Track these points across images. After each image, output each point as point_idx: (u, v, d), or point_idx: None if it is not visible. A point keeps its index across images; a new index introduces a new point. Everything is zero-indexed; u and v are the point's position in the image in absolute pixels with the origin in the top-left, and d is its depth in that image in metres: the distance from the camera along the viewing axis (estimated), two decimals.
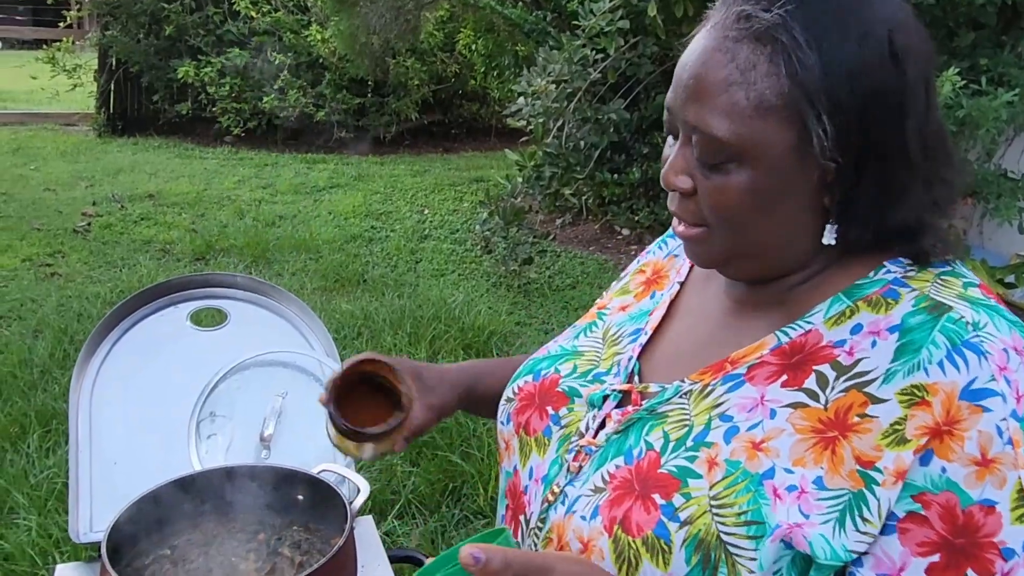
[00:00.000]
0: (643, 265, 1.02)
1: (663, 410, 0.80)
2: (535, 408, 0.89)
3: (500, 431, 0.95)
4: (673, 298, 0.93)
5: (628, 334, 0.92)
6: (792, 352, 0.75)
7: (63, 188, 6.86)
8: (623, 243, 6.66)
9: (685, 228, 0.78)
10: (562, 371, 0.91)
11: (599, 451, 0.81)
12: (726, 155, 0.71)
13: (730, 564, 0.69)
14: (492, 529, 0.72)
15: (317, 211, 6.62)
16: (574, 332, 0.98)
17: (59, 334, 3.74)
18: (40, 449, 2.82)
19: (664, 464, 0.75)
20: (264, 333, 1.52)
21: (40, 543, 2.34)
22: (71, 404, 1.37)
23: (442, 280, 5.08)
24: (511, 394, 0.94)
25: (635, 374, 0.87)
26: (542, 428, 0.88)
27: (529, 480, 0.87)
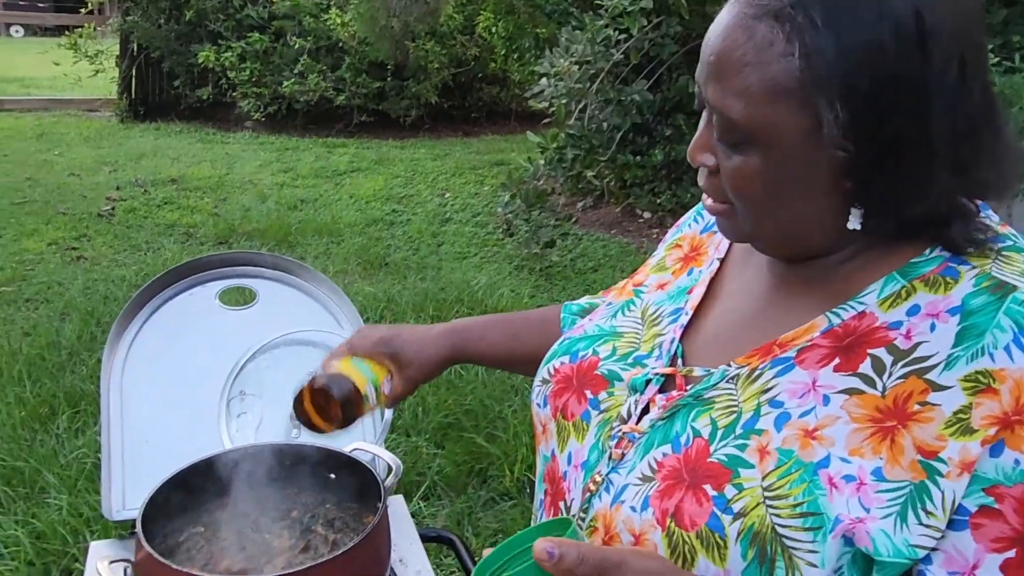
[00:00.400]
0: (678, 240, 0.98)
1: (709, 395, 0.76)
2: (573, 391, 0.86)
3: (536, 413, 0.92)
4: (713, 276, 0.90)
5: (668, 314, 0.89)
6: (844, 335, 0.71)
7: (87, 173, 6.92)
8: (644, 226, 6.61)
9: (712, 203, 0.77)
10: (601, 353, 0.87)
11: (643, 438, 0.78)
12: (741, 137, 0.69)
13: (787, 558, 0.66)
14: (557, 518, 0.70)
15: (338, 195, 6.63)
16: (610, 311, 0.95)
17: (86, 316, 3.77)
18: (70, 430, 2.85)
19: (713, 453, 0.72)
20: (292, 312, 1.51)
21: (71, 522, 2.36)
22: (102, 383, 1.37)
23: (464, 263, 5.07)
24: (547, 375, 0.91)
25: (678, 357, 0.84)
26: (580, 412, 0.85)
27: (568, 466, 0.84)
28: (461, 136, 9.70)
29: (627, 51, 4.91)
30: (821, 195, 0.70)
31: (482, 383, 3.30)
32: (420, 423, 2.96)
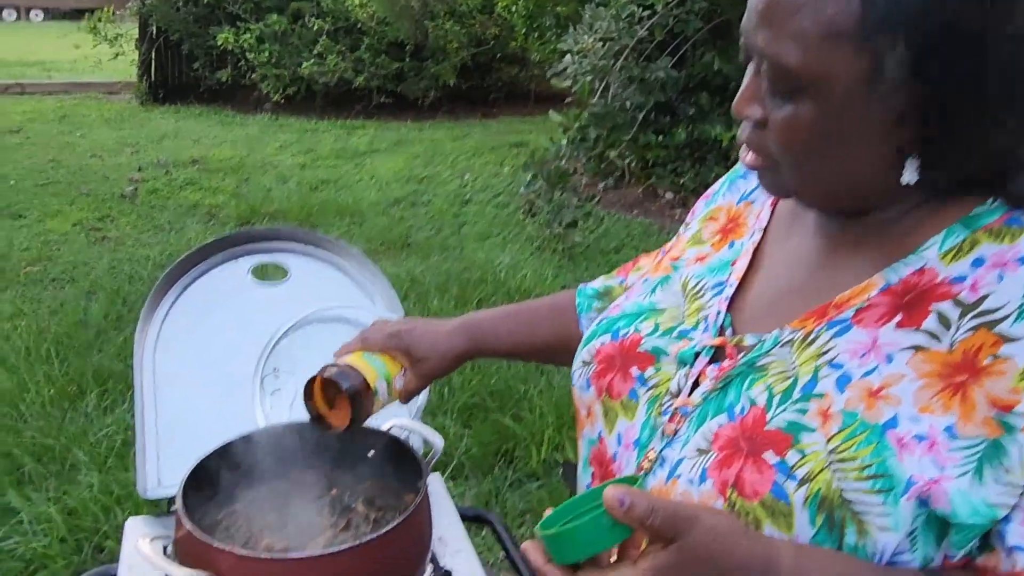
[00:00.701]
0: (713, 211, 0.95)
1: (763, 363, 0.74)
2: (617, 370, 0.84)
3: (579, 397, 0.89)
4: (756, 246, 0.87)
5: (710, 287, 0.86)
6: (904, 291, 0.69)
7: (109, 155, 6.94)
8: (667, 206, 6.54)
9: (754, 159, 0.74)
10: (643, 330, 0.85)
11: (696, 411, 0.76)
12: (793, 85, 0.66)
13: (857, 523, 0.63)
14: (624, 476, 0.68)
15: (359, 175, 6.61)
16: (648, 287, 0.92)
17: (112, 296, 3.78)
18: (99, 408, 2.86)
19: (771, 420, 0.70)
20: (324, 288, 1.49)
21: (102, 499, 2.37)
22: (135, 360, 1.35)
23: (487, 243, 5.03)
24: (587, 357, 0.88)
25: (725, 328, 0.81)
26: (627, 391, 0.82)
27: (618, 446, 0.82)
28: (480, 117, 9.65)
29: (651, 28, 4.83)
30: (874, 146, 0.67)
31: (506, 364, 3.28)
32: (446, 403, 2.94)
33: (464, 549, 1.20)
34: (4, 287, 3.99)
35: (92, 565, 2.23)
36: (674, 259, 0.94)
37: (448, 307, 3.80)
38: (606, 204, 6.30)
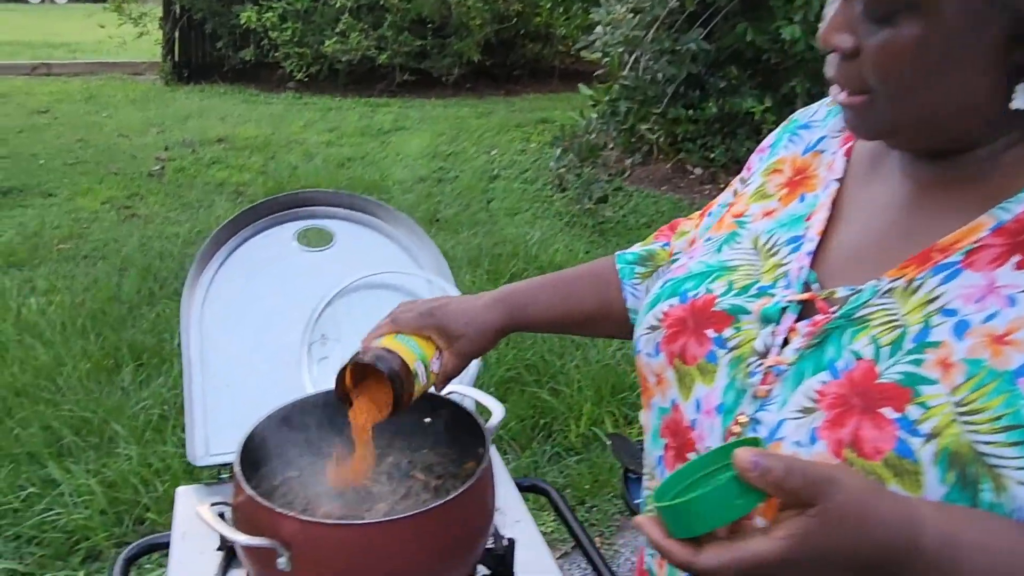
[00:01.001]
0: (775, 164, 0.89)
1: (862, 314, 0.69)
2: (690, 333, 0.78)
3: (646, 364, 0.83)
4: (833, 198, 0.81)
5: (785, 242, 0.80)
6: (1019, 230, 0.64)
7: (135, 134, 6.95)
8: (695, 182, 6.45)
9: (846, 96, 0.68)
10: (715, 289, 0.79)
11: (791, 369, 0.71)
12: (895, 6, 0.61)
13: (993, 478, 0.58)
14: (742, 439, 0.63)
15: (385, 153, 6.57)
16: (713, 246, 0.86)
17: (143, 272, 3.78)
18: (134, 382, 2.86)
19: (883, 373, 0.65)
20: (371, 253, 1.45)
21: (141, 472, 2.37)
22: (182, 325, 1.32)
23: (516, 219, 4.98)
24: (654, 322, 0.82)
25: (810, 283, 0.76)
26: (703, 354, 0.77)
27: (697, 413, 0.77)
28: (504, 94, 9.56)
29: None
30: (981, 71, 0.62)
31: (541, 338, 3.24)
32: (482, 377, 2.91)
33: (523, 519, 1.16)
34: (38, 263, 4.01)
35: (133, 537, 2.23)
36: (738, 216, 0.88)
37: (481, 281, 3.76)
38: (634, 180, 6.22)
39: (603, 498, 2.46)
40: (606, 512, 2.43)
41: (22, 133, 6.85)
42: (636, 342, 0.86)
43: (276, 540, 0.84)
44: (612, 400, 2.82)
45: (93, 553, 2.19)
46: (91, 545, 2.19)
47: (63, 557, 2.17)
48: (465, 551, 0.92)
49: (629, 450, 1.78)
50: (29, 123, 7.22)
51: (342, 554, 0.85)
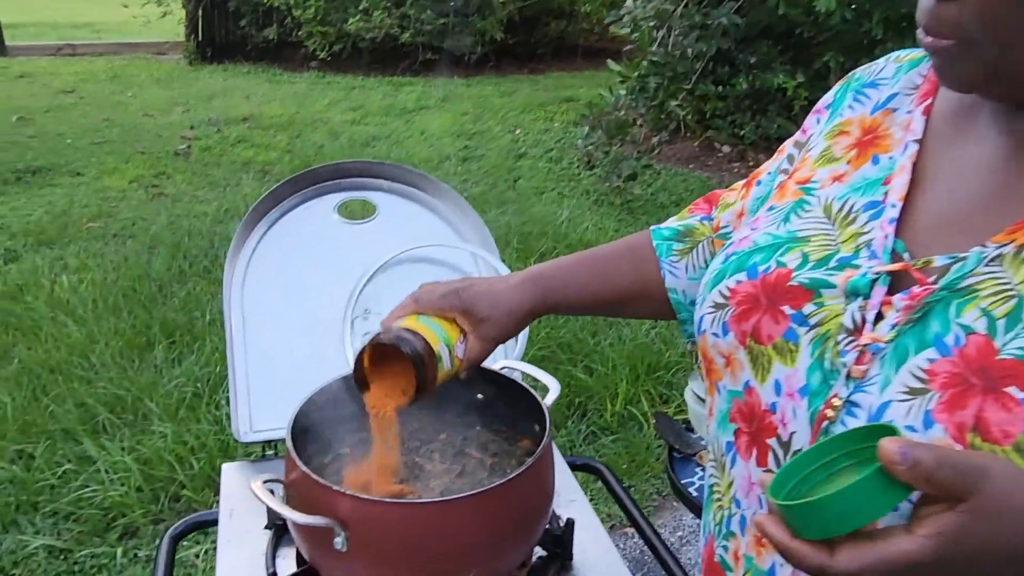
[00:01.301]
0: (841, 125, 0.83)
1: (967, 284, 0.63)
2: (764, 310, 0.73)
3: (712, 345, 0.78)
4: (914, 160, 0.75)
5: (862, 208, 0.74)
6: None
7: (160, 113, 6.95)
8: (724, 160, 6.35)
9: (941, 42, 0.63)
10: (789, 262, 0.74)
11: (890, 347, 0.65)
12: None
13: None
14: (872, 425, 0.57)
15: (409, 132, 6.53)
16: (779, 215, 0.80)
17: (172, 251, 3.78)
18: (167, 360, 2.86)
19: (1004, 348, 0.59)
20: (414, 227, 1.41)
21: (176, 449, 2.36)
22: (224, 299, 1.29)
23: (543, 197, 4.93)
24: (720, 299, 0.77)
25: (899, 252, 0.70)
26: (781, 332, 0.71)
27: (777, 396, 0.71)
28: (527, 73, 9.46)
29: None
30: None
31: (573, 316, 3.20)
32: None
33: (578, 499, 1.13)
34: (67, 242, 4.02)
35: (169, 514, 2.23)
36: (802, 182, 0.82)
37: (511, 260, 3.72)
38: (661, 158, 6.13)
39: (641, 478, 2.43)
40: (644, 492, 2.39)
41: (48, 113, 6.87)
42: (699, 321, 0.80)
43: (333, 519, 0.81)
44: (648, 379, 2.77)
45: (130, 530, 2.19)
46: (128, 522, 2.19)
47: (100, 533, 2.17)
48: (526, 532, 0.89)
49: (674, 429, 1.74)
50: (55, 103, 7.24)
51: (400, 533, 0.82)
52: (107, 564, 2.08)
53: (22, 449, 2.41)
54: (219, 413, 2.55)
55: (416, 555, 0.83)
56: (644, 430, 2.59)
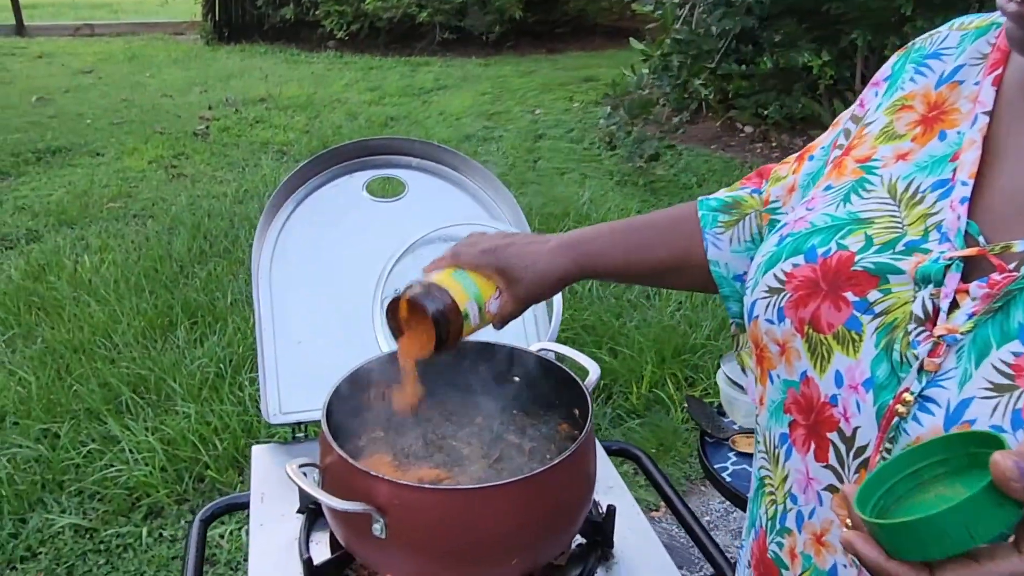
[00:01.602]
0: (903, 100, 0.77)
1: None
2: (823, 296, 0.68)
3: (766, 331, 0.74)
4: (984, 134, 0.70)
5: (929, 188, 0.69)
6: None
7: (179, 93, 6.94)
8: (746, 141, 6.26)
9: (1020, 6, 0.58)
10: (851, 245, 0.69)
11: (968, 339, 0.61)
12: None
13: None
14: (972, 432, 0.52)
15: (427, 112, 6.48)
16: (837, 195, 0.75)
17: (193, 231, 3.77)
18: (189, 340, 2.85)
19: None
20: (444, 205, 1.38)
21: (199, 429, 2.36)
22: (252, 281, 1.26)
23: (565, 178, 4.87)
24: (776, 283, 0.72)
25: (973, 235, 0.65)
26: (842, 320, 0.67)
27: (838, 388, 0.67)
28: (546, 52, 9.36)
29: None
30: None
31: (598, 298, 3.16)
32: None
33: (617, 486, 1.10)
34: (88, 222, 4.02)
35: (194, 495, 2.23)
36: (862, 160, 0.77)
37: None
38: (683, 139, 6.05)
39: (668, 462, 2.39)
40: (672, 476, 2.36)
41: (68, 93, 6.87)
42: (751, 306, 0.75)
43: (371, 505, 0.78)
44: (674, 362, 2.73)
45: (155, 509, 2.19)
46: (153, 502, 2.19)
47: (125, 513, 2.17)
48: (569, 519, 0.86)
49: (706, 413, 1.70)
50: (74, 83, 7.25)
51: (440, 520, 0.79)
52: (133, 544, 2.07)
53: (47, 428, 2.42)
54: (242, 394, 2.54)
55: (456, 543, 0.80)
56: (671, 413, 2.55)
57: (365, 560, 0.86)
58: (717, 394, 2.50)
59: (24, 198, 4.39)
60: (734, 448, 1.58)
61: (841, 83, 5.50)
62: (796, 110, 5.84)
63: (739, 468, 1.52)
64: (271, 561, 0.96)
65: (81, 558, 2.04)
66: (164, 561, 2.03)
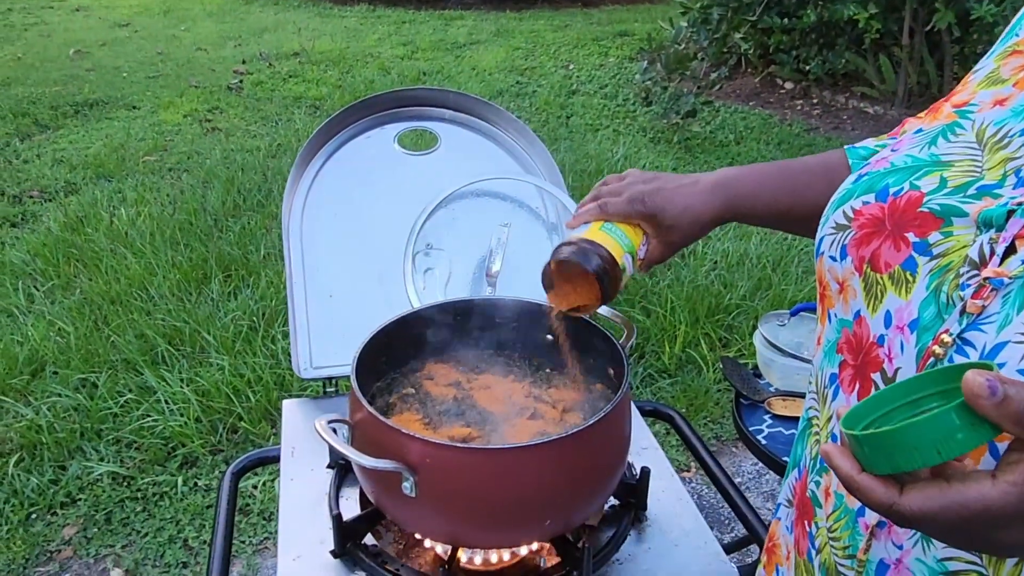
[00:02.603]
0: (1014, 45, 0.74)
1: None
2: (886, 236, 0.66)
3: (828, 268, 0.72)
4: None
5: (1018, 132, 0.66)
6: None
7: (213, 48, 6.92)
8: (786, 97, 6.09)
9: None
10: (924, 186, 0.67)
11: (1016, 284, 0.58)
12: None
13: None
14: (971, 362, 0.52)
15: (460, 67, 6.39)
16: (925, 138, 0.73)
17: (227, 185, 3.77)
18: (223, 293, 2.87)
19: None
20: (477, 158, 1.34)
21: (233, 381, 2.38)
22: (284, 234, 1.25)
23: (598, 134, 4.79)
24: (843, 219, 0.71)
25: None
26: (900, 260, 0.65)
27: (886, 328, 0.66)
28: (580, 6, 9.16)
29: None
30: None
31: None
32: None
33: (651, 447, 1.08)
34: (125, 175, 4.05)
35: (228, 446, 2.26)
36: (960, 105, 0.74)
37: None
38: (721, 95, 5.90)
39: (699, 423, 2.37)
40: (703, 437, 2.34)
41: (104, 46, 6.89)
42: (819, 242, 0.74)
43: (402, 463, 0.77)
44: (708, 322, 2.69)
45: (190, 459, 2.23)
46: (188, 452, 2.22)
47: (161, 462, 2.21)
48: (603, 481, 0.84)
49: (741, 375, 1.67)
50: (111, 36, 7.26)
51: (471, 480, 0.78)
52: (168, 492, 2.11)
53: (86, 378, 2.46)
54: (275, 347, 2.56)
55: (487, 503, 0.79)
56: (703, 374, 2.52)
57: (394, 518, 0.85)
58: (752, 355, 2.47)
59: (62, 151, 4.43)
60: (770, 411, 1.55)
61: (887, 37, 5.30)
62: (839, 65, 5.66)
63: (775, 431, 1.49)
64: (301, 516, 0.96)
65: (119, 505, 2.08)
66: (199, 510, 2.06)
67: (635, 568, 0.88)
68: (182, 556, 1.96)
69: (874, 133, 5.36)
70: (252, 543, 2.00)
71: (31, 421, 2.27)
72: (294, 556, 0.90)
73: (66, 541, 2.00)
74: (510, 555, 0.89)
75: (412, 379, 1.00)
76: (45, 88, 5.53)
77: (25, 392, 2.42)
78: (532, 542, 0.87)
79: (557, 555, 0.89)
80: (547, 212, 1.34)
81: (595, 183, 0.96)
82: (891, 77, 5.44)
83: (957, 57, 5.08)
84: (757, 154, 4.64)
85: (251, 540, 2.00)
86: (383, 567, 0.87)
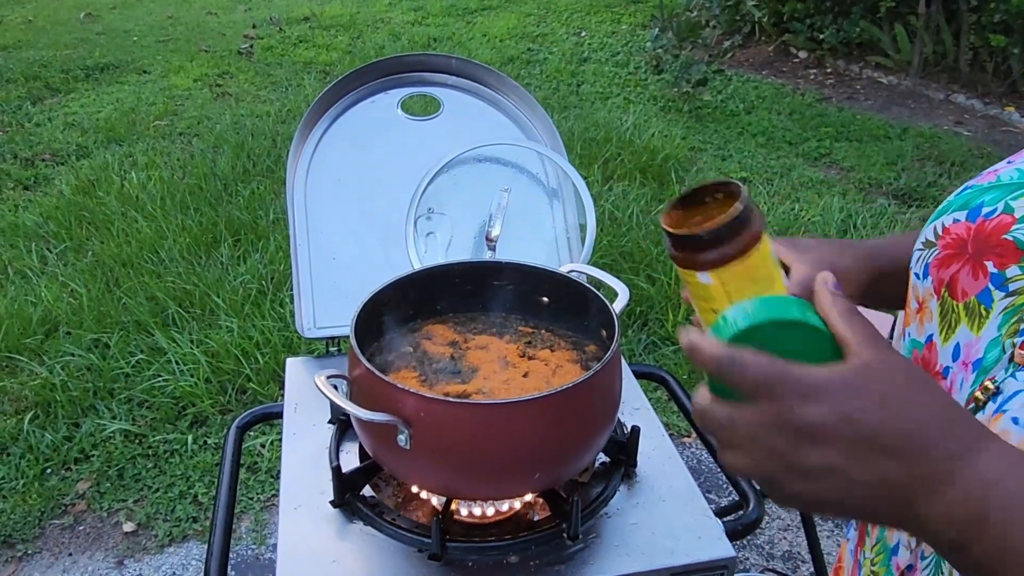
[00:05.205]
0: None
1: None
2: (966, 260, 0.61)
3: (913, 284, 0.68)
4: None
5: None
6: None
7: (223, 12, 6.89)
8: (799, 66, 6.02)
9: None
10: (1017, 209, 0.59)
11: None
12: None
13: None
14: (789, 297, 0.49)
15: (471, 33, 6.34)
16: None
17: (236, 149, 3.79)
18: (232, 257, 2.90)
19: None
20: (479, 124, 1.36)
21: (242, 343, 2.42)
22: (287, 197, 1.27)
23: (608, 103, 4.77)
24: (932, 236, 0.65)
25: None
26: (976, 291, 0.60)
27: (953, 361, 0.61)
28: None
29: None
30: None
31: (636, 224, 3.13)
32: None
33: (643, 407, 1.11)
34: (136, 139, 4.07)
35: (237, 406, 2.31)
36: None
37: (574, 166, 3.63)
38: (733, 64, 5.84)
39: None
40: None
41: (115, 10, 6.88)
42: (912, 257, 0.69)
43: (397, 416, 0.80)
44: None
45: (200, 418, 2.28)
46: (198, 411, 2.28)
47: (172, 421, 2.26)
48: (591, 437, 0.87)
49: None
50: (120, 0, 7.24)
51: (464, 433, 0.81)
52: (179, 449, 2.17)
53: (98, 338, 2.51)
54: (283, 310, 2.60)
55: (479, 455, 0.82)
56: None
57: (391, 469, 0.89)
58: None
59: (74, 114, 4.45)
60: None
61: (903, 5, 5.23)
62: (854, 34, 5.59)
63: None
64: (303, 468, 1.00)
65: (131, 461, 2.14)
66: (208, 467, 2.12)
67: (623, 522, 0.92)
68: (192, 511, 2.01)
69: (887, 104, 5.31)
70: (260, 499, 2.05)
71: (45, 379, 2.33)
72: (295, 506, 0.94)
73: (80, 495, 2.06)
74: (506, 507, 0.92)
75: (410, 339, 1.02)
76: (56, 51, 5.54)
77: (39, 351, 2.47)
78: (522, 494, 0.90)
79: (548, 509, 0.92)
80: (548, 178, 1.36)
81: (604, 151, 0.91)
82: (906, 47, 5.37)
83: (974, 26, 5.01)
84: (768, 123, 4.61)
85: (259, 496, 2.06)
86: (380, 517, 0.90)
